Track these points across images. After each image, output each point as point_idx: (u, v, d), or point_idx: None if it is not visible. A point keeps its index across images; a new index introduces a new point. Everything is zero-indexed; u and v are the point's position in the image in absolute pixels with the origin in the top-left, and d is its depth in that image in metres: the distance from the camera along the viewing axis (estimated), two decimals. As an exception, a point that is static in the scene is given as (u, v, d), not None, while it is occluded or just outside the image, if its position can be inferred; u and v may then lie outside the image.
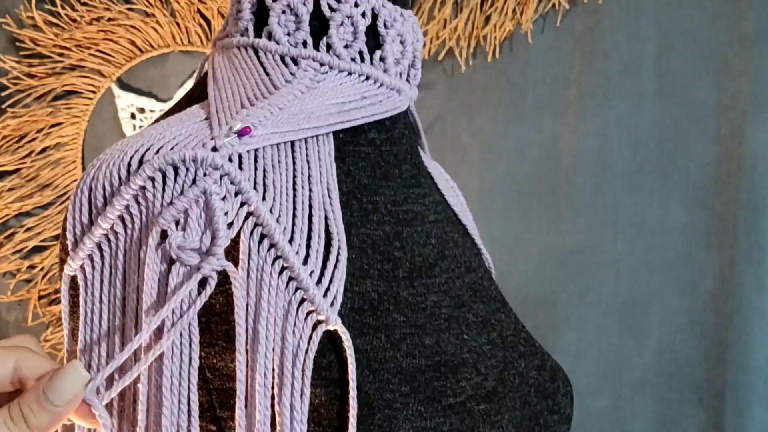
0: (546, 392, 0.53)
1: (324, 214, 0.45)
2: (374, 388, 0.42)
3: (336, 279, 0.43)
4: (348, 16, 0.51)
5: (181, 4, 1.33)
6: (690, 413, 1.28)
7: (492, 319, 0.54)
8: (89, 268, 0.42)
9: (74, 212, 0.43)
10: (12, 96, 1.35)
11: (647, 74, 1.25)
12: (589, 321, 1.30)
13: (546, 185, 1.30)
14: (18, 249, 1.38)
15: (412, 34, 0.55)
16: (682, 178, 1.26)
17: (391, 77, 0.53)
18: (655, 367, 1.29)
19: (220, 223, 0.40)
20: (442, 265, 0.52)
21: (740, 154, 1.22)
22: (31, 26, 1.34)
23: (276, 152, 0.45)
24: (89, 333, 0.42)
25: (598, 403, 1.30)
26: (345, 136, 0.50)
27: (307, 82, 0.50)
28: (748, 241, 1.22)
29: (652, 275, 1.28)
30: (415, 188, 0.54)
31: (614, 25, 1.25)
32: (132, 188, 0.41)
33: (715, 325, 1.26)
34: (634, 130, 1.27)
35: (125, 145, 0.44)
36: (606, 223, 1.29)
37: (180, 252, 0.40)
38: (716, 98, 1.23)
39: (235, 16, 0.53)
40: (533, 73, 1.29)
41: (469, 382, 0.46)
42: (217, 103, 0.47)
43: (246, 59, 0.51)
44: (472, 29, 1.30)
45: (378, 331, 0.44)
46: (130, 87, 1.38)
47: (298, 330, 0.41)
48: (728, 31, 1.22)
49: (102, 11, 1.33)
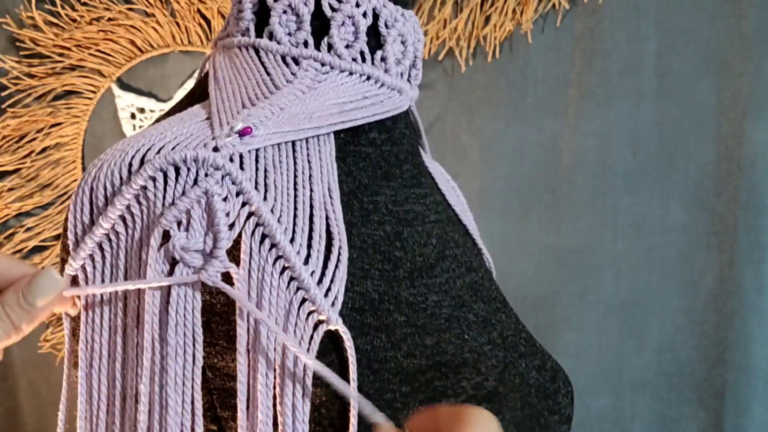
0: (546, 392, 0.53)
1: (325, 214, 0.45)
2: (375, 388, 0.42)
3: (337, 279, 0.43)
4: (349, 16, 0.51)
5: (181, 4, 1.33)
6: (690, 413, 1.28)
7: (493, 319, 0.54)
8: (90, 268, 0.42)
9: (75, 212, 0.43)
10: (12, 96, 1.35)
11: (647, 74, 1.25)
12: (589, 321, 1.30)
13: (546, 185, 1.30)
14: (18, 249, 1.38)
15: (413, 34, 0.55)
16: (682, 178, 1.26)
17: (392, 77, 0.53)
18: (655, 367, 1.29)
19: (222, 224, 0.40)
20: (442, 265, 0.52)
21: (740, 154, 1.22)
22: (31, 26, 1.34)
23: (277, 152, 0.45)
24: (90, 333, 0.42)
25: (598, 403, 1.31)
26: (346, 136, 0.50)
27: (308, 82, 0.50)
28: (748, 241, 1.22)
29: (652, 275, 1.28)
30: (415, 188, 0.54)
31: (614, 25, 1.26)
32: (133, 188, 0.41)
33: (715, 325, 1.26)
34: (634, 130, 1.27)
35: (126, 145, 0.44)
36: (606, 223, 1.29)
37: (183, 253, 0.40)
38: (716, 98, 1.23)
39: (236, 16, 0.53)
40: (533, 73, 1.29)
41: (469, 382, 0.46)
42: (218, 103, 0.47)
43: (247, 59, 0.51)
44: (472, 29, 1.30)
45: (379, 331, 0.44)
46: (130, 87, 1.38)
47: (300, 330, 0.41)
48: (728, 31, 1.22)
49: (102, 11, 1.33)
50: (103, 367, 0.42)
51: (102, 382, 0.42)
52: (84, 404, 0.43)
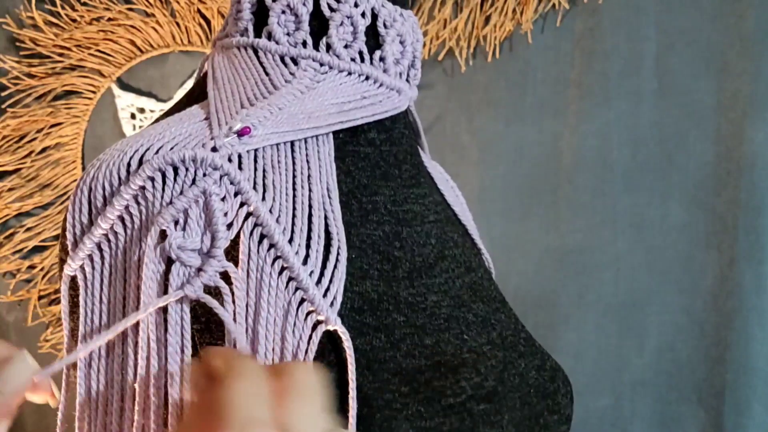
0: (546, 392, 0.53)
1: (324, 214, 0.45)
2: (374, 388, 0.42)
3: (336, 279, 0.43)
4: (348, 16, 0.51)
5: (181, 4, 1.33)
6: (690, 413, 1.28)
7: (492, 319, 0.54)
8: (89, 268, 0.42)
9: (74, 212, 0.43)
10: (12, 96, 1.35)
11: (647, 74, 1.25)
12: (589, 321, 1.30)
13: (546, 185, 1.30)
14: (18, 249, 1.38)
15: (412, 34, 0.55)
16: (681, 178, 1.26)
17: (390, 77, 0.53)
18: (655, 367, 1.29)
19: (220, 224, 0.40)
20: (441, 265, 0.52)
21: (740, 154, 1.22)
22: (31, 26, 1.34)
23: (276, 152, 0.45)
24: (89, 333, 0.42)
25: (598, 403, 1.30)
26: (345, 136, 0.50)
27: (307, 82, 0.50)
28: (748, 241, 1.22)
29: (652, 275, 1.28)
30: (414, 188, 0.54)
31: (614, 25, 1.25)
32: (132, 188, 0.41)
33: (715, 325, 1.26)
34: (634, 130, 1.27)
35: (125, 145, 0.44)
36: (606, 223, 1.29)
37: (180, 252, 0.40)
38: (716, 98, 1.23)
39: (235, 16, 0.53)
40: (533, 73, 1.29)
41: (469, 382, 0.46)
42: (217, 103, 0.47)
43: (246, 59, 0.51)
44: (472, 29, 1.30)
45: (378, 331, 0.44)
46: (130, 87, 1.38)
47: (298, 330, 0.41)
48: (728, 31, 1.22)
49: (102, 11, 1.33)
50: (102, 367, 0.42)
51: (101, 382, 0.42)
52: (83, 404, 0.43)
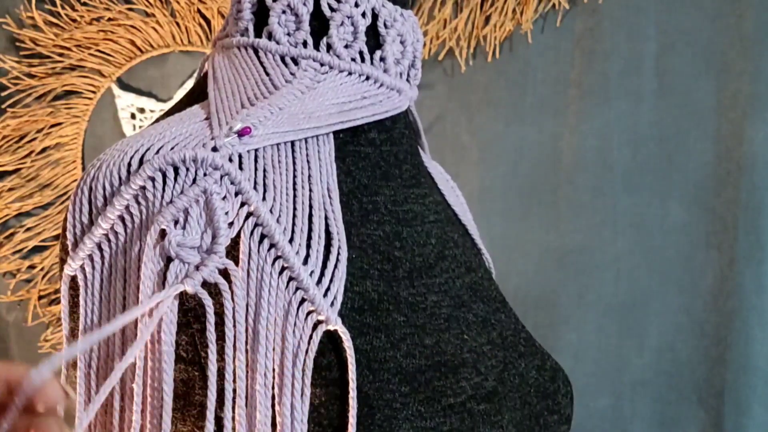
0: (546, 392, 0.53)
1: (324, 214, 0.45)
2: (374, 388, 0.42)
3: (336, 279, 0.43)
4: (348, 16, 0.51)
5: (181, 4, 1.33)
6: (690, 413, 1.28)
7: (492, 319, 0.54)
8: (89, 268, 0.42)
9: (74, 212, 0.43)
10: (12, 96, 1.35)
11: (647, 74, 1.25)
12: (589, 321, 1.30)
13: (546, 185, 1.30)
14: (18, 249, 1.38)
15: (412, 34, 0.55)
16: (681, 178, 1.26)
17: (391, 77, 0.53)
18: (655, 367, 1.29)
19: (221, 222, 0.40)
20: (442, 265, 0.52)
21: (740, 154, 1.22)
22: (31, 26, 1.34)
23: (276, 152, 0.45)
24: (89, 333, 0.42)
25: (598, 403, 1.30)
26: (345, 136, 0.50)
27: (308, 82, 0.50)
28: (748, 241, 1.22)
29: (652, 275, 1.28)
30: (415, 188, 0.54)
31: (614, 25, 1.25)
32: (132, 188, 0.41)
33: (715, 325, 1.26)
34: (634, 130, 1.27)
35: (125, 145, 0.44)
36: (606, 223, 1.29)
37: (179, 249, 0.40)
38: (716, 98, 1.23)
39: (235, 16, 0.53)
40: (533, 73, 1.29)
41: (469, 382, 0.46)
42: (217, 103, 0.47)
43: (246, 59, 0.51)
44: (472, 29, 1.30)
45: (378, 331, 0.44)
46: (130, 87, 1.38)
47: (299, 330, 0.41)
48: (728, 31, 1.22)
49: (102, 11, 1.33)
50: (102, 368, 0.42)
51: (100, 382, 0.42)
52: (83, 404, 0.43)
